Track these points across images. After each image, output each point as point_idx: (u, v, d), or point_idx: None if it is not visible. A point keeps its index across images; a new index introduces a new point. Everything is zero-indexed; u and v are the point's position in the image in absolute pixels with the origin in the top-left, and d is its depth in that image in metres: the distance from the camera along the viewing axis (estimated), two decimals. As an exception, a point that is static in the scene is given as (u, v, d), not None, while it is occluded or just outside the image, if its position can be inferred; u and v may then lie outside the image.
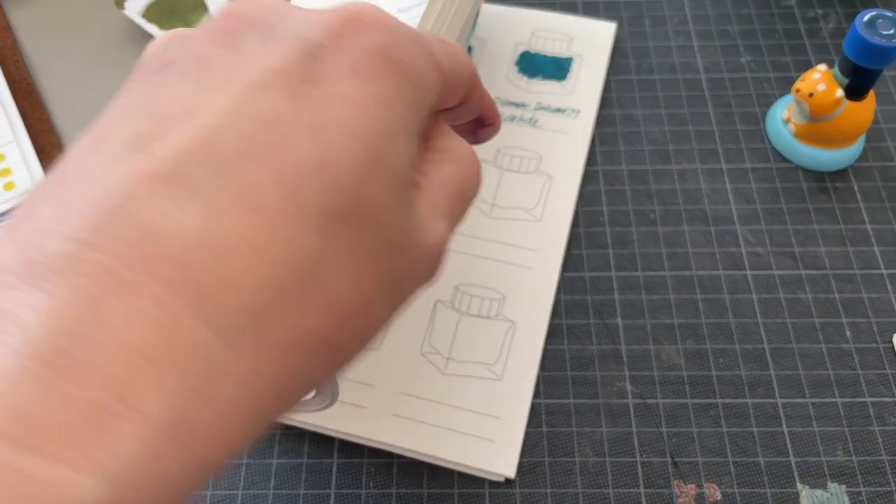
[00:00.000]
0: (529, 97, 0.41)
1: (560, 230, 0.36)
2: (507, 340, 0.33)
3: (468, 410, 0.31)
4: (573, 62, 0.42)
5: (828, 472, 0.31)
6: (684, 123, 0.41)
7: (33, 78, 0.44)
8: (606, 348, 0.34)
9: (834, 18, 0.45)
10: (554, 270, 0.35)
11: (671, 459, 0.31)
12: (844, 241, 0.37)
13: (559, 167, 0.38)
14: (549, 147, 0.39)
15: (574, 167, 0.38)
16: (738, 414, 0.32)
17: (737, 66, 0.43)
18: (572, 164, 0.38)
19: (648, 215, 0.38)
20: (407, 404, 0.31)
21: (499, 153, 0.38)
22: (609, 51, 0.43)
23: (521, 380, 0.32)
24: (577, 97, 0.41)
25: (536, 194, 0.37)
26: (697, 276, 0.36)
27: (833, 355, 0.33)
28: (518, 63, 0.42)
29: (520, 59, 0.42)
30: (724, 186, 0.39)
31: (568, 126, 0.39)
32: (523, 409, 0.31)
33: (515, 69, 0.42)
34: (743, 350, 0.34)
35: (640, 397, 0.33)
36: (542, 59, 0.42)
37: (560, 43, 0.43)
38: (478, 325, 0.33)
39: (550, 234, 0.36)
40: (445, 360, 0.32)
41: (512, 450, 0.30)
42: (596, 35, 0.43)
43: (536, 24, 0.44)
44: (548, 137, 0.39)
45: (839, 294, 0.35)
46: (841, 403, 0.32)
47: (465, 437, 0.30)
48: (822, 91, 0.36)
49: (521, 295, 0.34)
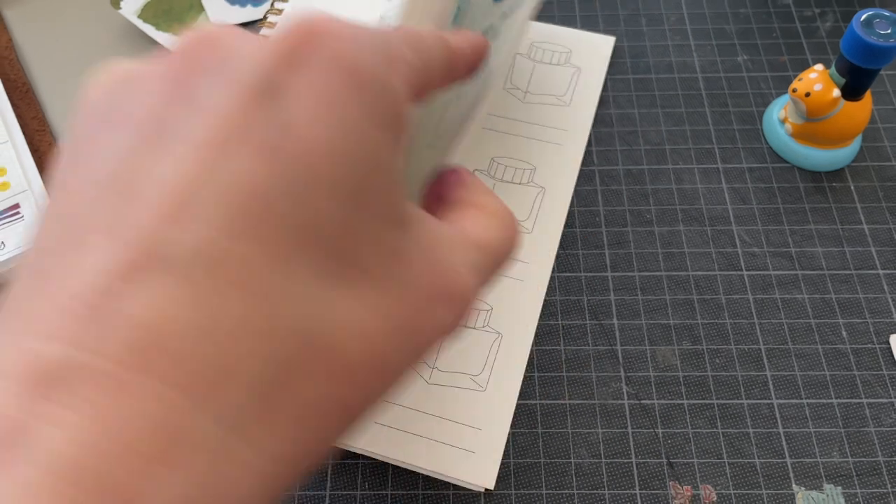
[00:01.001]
0: (526, 108, 0.41)
1: (550, 244, 0.36)
2: (493, 352, 0.33)
3: (451, 421, 0.31)
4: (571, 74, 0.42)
5: (824, 474, 0.31)
6: (681, 123, 0.41)
7: (29, 77, 0.44)
8: (602, 349, 0.34)
9: (831, 17, 0.45)
10: (542, 284, 0.35)
11: (667, 460, 0.31)
12: (841, 242, 0.37)
13: (552, 180, 0.38)
14: (543, 159, 0.39)
15: (566, 181, 0.38)
16: (733, 415, 0.32)
17: (734, 66, 0.43)
18: (565, 178, 0.38)
19: (645, 215, 0.38)
20: (391, 413, 0.31)
21: (492, 163, 0.38)
22: (606, 64, 0.43)
23: (505, 391, 0.32)
24: (574, 109, 0.41)
25: (529, 206, 0.37)
26: (693, 277, 0.36)
27: (829, 356, 0.33)
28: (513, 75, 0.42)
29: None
30: (721, 186, 0.39)
31: (563, 138, 0.40)
32: (505, 420, 0.31)
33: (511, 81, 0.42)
34: (739, 351, 0.34)
35: (636, 398, 0.33)
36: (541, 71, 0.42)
37: (559, 55, 0.43)
38: (464, 335, 0.33)
39: (541, 247, 0.36)
40: (430, 369, 0.32)
41: (492, 461, 0.30)
42: (595, 48, 0.43)
43: (536, 35, 0.43)
44: (542, 149, 0.39)
45: (836, 294, 0.35)
46: (837, 404, 0.32)
47: (447, 448, 0.30)
48: (818, 91, 0.36)
49: (509, 306, 0.34)
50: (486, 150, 0.39)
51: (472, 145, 0.39)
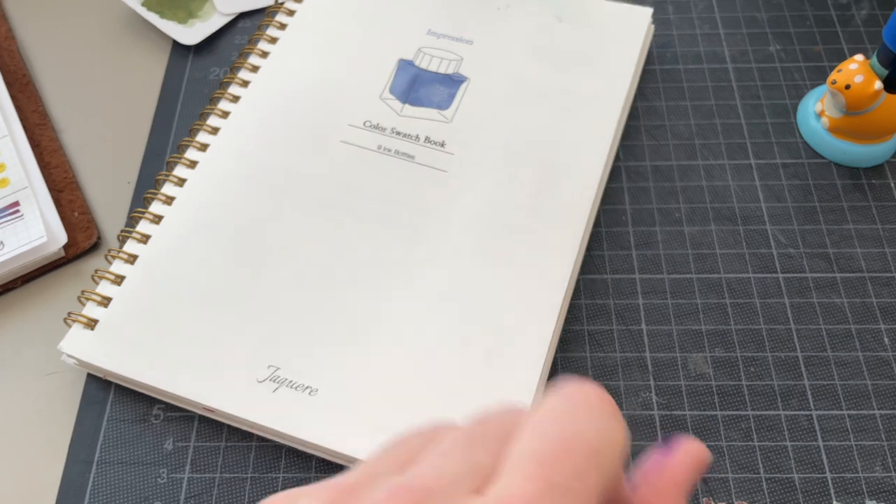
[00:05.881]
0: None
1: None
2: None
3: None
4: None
5: (866, 490, 0.29)
6: (710, 116, 0.39)
7: (29, 69, 0.42)
8: (630, 356, 0.32)
9: (867, 5, 0.43)
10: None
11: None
12: (882, 242, 0.35)
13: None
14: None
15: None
16: (770, 427, 0.30)
17: (766, 56, 0.41)
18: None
19: (673, 214, 0.36)
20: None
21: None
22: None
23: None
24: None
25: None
26: (726, 279, 0.34)
27: (871, 364, 0.32)
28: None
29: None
30: (754, 183, 0.37)
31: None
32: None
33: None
34: (775, 358, 0.32)
35: (667, 408, 0.31)
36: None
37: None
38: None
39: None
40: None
41: None
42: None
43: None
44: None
45: (877, 298, 0.33)
46: (880, 416, 0.30)
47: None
48: (859, 83, 0.34)
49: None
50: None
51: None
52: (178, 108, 0.40)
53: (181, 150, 0.37)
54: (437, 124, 0.37)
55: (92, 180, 0.38)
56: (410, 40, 0.40)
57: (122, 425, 0.31)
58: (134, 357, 0.31)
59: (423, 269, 0.33)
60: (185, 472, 0.30)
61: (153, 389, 0.31)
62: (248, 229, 0.34)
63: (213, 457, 0.31)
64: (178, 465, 0.30)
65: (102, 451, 0.31)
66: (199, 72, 0.42)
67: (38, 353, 0.33)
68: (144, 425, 0.31)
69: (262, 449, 0.31)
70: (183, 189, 0.35)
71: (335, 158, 0.36)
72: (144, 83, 0.42)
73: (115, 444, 0.31)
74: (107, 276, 0.33)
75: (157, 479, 0.30)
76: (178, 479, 0.30)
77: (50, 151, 0.39)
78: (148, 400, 0.32)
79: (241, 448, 0.31)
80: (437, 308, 0.32)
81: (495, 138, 0.36)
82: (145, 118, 0.40)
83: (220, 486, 0.30)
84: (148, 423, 0.31)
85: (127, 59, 0.43)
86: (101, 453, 0.31)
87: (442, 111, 0.37)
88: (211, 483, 0.30)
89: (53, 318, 0.34)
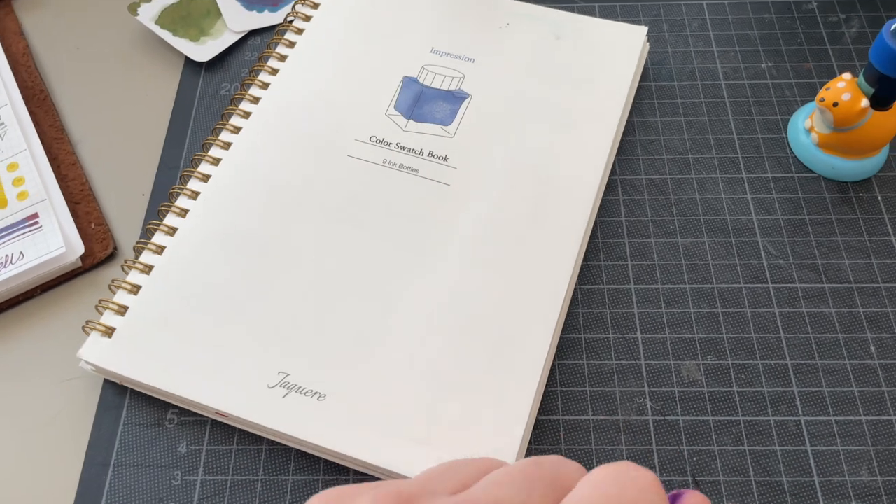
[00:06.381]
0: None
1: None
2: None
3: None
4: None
5: (852, 493, 0.30)
6: (704, 131, 0.40)
7: (46, 84, 0.44)
8: (626, 363, 0.33)
9: (857, 23, 0.44)
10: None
11: (692, 478, 0.31)
12: (869, 254, 0.36)
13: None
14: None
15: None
16: (760, 432, 0.32)
17: (758, 73, 0.42)
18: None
19: (668, 226, 0.37)
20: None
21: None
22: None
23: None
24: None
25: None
26: (718, 289, 0.35)
27: (858, 372, 0.33)
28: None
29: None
30: (745, 196, 0.38)
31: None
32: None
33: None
34: (765, 366, 0.33)
35: (661, 414, 0.32)
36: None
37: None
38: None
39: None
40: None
41: None
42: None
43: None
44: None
45: (863, 308, 0.34)
46: (866, 422, 0.32)
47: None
48: (847, 101, 0.35)
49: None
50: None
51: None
52: (190, 122, 0.42)
53: (194, 164, 0.38)
54: (440, 139, 0.38)
55: (108, 192, 0.40)
56: (415, 58, 0.41)
57: (137, 429, 0.33)
58: (149, 364, 0.32)
59: (426, 278, 0.34)
60: (199, 474, 0.32)
61: (167, 395, 0.32)
62: (258, 241, 0.35)
63: (225, 459, 0.32)
64: (192, 467, 0.32)
65: (119, 454, 0.32)
66: (210, 88, 0.43)
67: (57, 359, 0.35)
68: (159, 429, 0.33)
69: (271, 452, 0.32)
70: (196, 202, 0.37)
71: (342, 172, 0.37)
72: (158, 98, 0.43)
73: (130, 447, 0.32)
74: (123, 285, 0.34)
75: (171, 481, 0.31)
76: (192, 481, 0.31)
77: (67, 164, 0.40)
78: (162, 405, 0.33)
79: (252, 451, 0.32)
80: (439, 316, 0.33)
81: (496, 152, 0.38)
82: (159, 132, 0.42)
83: (232, 487, 0.31)
84: (162, 428, 0.33)
85: (141, 76, 0.44)
86: (118, 456, 0.32)
87: (445, 126, 0.39)
88: (223, 485, 0.31)
89: (71, 326, 0.35)
